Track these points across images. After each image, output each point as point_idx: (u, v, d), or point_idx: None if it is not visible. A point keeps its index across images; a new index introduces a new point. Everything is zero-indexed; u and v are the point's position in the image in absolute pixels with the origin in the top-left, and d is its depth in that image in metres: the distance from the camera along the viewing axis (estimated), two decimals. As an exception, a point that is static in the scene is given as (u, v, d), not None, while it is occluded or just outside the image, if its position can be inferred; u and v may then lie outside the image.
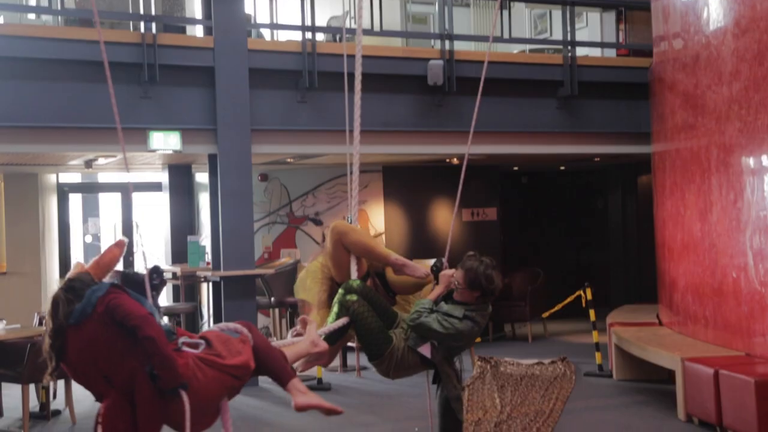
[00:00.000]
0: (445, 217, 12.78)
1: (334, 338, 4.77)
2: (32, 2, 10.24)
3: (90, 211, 12.69)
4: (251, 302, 9.04)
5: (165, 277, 4.19)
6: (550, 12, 12.99)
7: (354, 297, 4.81)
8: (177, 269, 10.17)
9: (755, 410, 5.99)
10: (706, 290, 7.75)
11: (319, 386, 8.47)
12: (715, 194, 7.60)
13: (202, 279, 10.25)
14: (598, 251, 14.43)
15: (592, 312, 9.19)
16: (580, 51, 10.74)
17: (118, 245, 3.99)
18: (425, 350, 4.72)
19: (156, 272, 4.14)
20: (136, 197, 12.56)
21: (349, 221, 5.70)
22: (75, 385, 7.93)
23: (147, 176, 12.52)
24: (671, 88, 8.77)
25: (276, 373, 3.98)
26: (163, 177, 11.89)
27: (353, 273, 5.08)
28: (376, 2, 10.76)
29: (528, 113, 10.23)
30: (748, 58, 7.09)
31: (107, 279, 3.95)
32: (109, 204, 12.67)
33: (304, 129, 9.32)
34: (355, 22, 6.82)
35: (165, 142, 8.67)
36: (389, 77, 9.38)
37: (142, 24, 8.60)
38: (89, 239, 12.55)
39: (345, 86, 6.31)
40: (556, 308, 10.20)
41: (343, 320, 4.69)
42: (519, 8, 12.82)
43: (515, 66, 10.09)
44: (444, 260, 5.18)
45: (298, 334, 4.71)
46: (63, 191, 11.98)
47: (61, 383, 8.13)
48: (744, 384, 6.11)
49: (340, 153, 9.66)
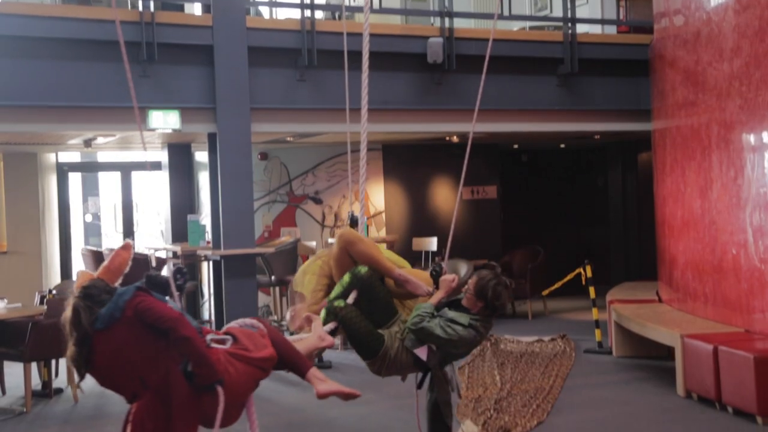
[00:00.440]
0: (445, 195, 12.78)
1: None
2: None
3: (90, 191, 12.68)
4: (251, 281, 9.06)
5: (188, 278, 4.28)
6: (551, -11, 12.92)
7: (341, 303, 4.81)
8: (177, 248, 10.18)
9: (754, 386, 6.02)
10: (706, 267, 7.77)
11: (320, 364, 8.51)
12: (716, 171, 7.59)
13: (203, 258, 10.26)
14: (598, 229, 14.44)
15: (592, 289, 9.21)
16: (581, 28, 10.68)
17: (126, 248, 4.02)
18: (422, 353, 4.73)
19: (180, 273, 4.23)
20: (135, 176, 12.54)
21: (355, 220, 5.73)
22: (77, 364, 7.95)
23: (146, 155, 12.50)
24: (672, 65, 8.74)
25: (295, 365, 4.13)
26: (163, 156, 11.87)
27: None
28: (376, -21, 10.70)
29: (528, 91, 10.20)
30: (749, 35, 7.06)
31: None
32: (109, 183, 12.65)
33: (304, 107, 9.30)
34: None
35: (164, 121, 8.65)
36: (388, 55, 9.34)
37: (140, 2, 8.56)
38: (89, 218, 12.56)
39: (345, 64, 6.29)
40: (556, 286, 10.21)
41: (331, 325, 4.72)
42: (519, -15, 12.75)
43: (515, 43, 10.04)
44: (443, 264, 5.18)
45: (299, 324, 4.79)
46: (62, 170, 11.97)
47: (63, 362, 8.16)
48: (743, 360, 6.14)
49: (340, 131, 9.64)
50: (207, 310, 11.00)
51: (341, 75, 6.63)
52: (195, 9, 10.22)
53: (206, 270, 11.13)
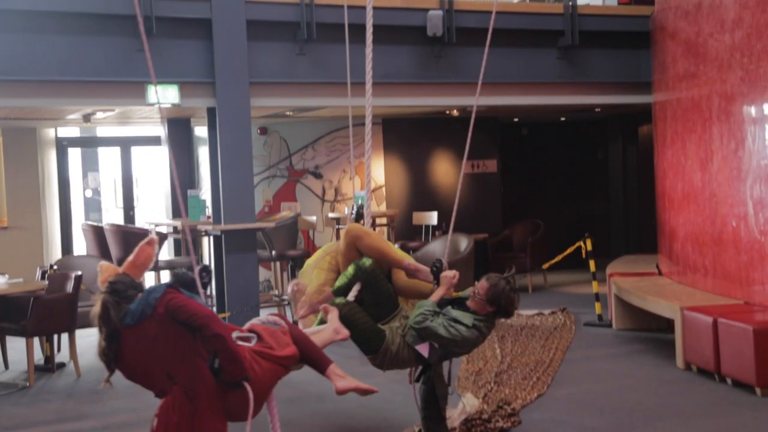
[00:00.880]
0: (445, 169, 12.77)
1: None
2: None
3: (89, 166, 12.67)
4: (252, 256, 9.07)
5: (212, 275, 4.41)
6: (551, -40, 12.82)
7: (341, 300, 4.84)
8: (177, 223, 10.18)
9: (753, 358, 6.05)
10: (706, 240, 7.78)
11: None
12: (716, 143, 7.58)
13: (203, 233, 10.27)
14: (599, 202, 14.44)
15: (592, 262, 9.23)
16: (581, 0, 10.62)
17: (150, 243, 4.05)
18: (423, 349, 4.76)
19: (205, 271, 4.42)
20: (135, 151, 12.52)
21: (360, 214, 5.75)
22: (79, 338, 7.99)
23: (146, 130, 12.48)
24: (673, 37, 8.69)
25: (315, 361, 4.27)
26: (162, 131, 11.84)
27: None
28: (375, -49, 10.59)
29: (528, 64, 10.16)
30: (751, 5, 7.02)
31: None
32: (109, 158, 12.64)
33: (303, 82, 9.26)
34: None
35: (163, 96, 8.62)
36: (388, 28, 9.28)
37: (138, -25, 8.50)
38: (89, 194, 12.55)
39: (346, 38, 6.26)
40: (557, 259, 10.23)
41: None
42: (519, -43, 12.64)
43: (515, 16, 9.98)
44: (444, 260, 5.16)
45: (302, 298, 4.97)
46: (62, 146, 11.95)
47: (65, 336, 8.19)
48: (742, 332, 6.16)
49: (341, 105, 9.61)
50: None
51: (341, 49, 6.61)
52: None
53: (207, 245, 11.15)
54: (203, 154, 11.68)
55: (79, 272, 7.74)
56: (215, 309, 9.70)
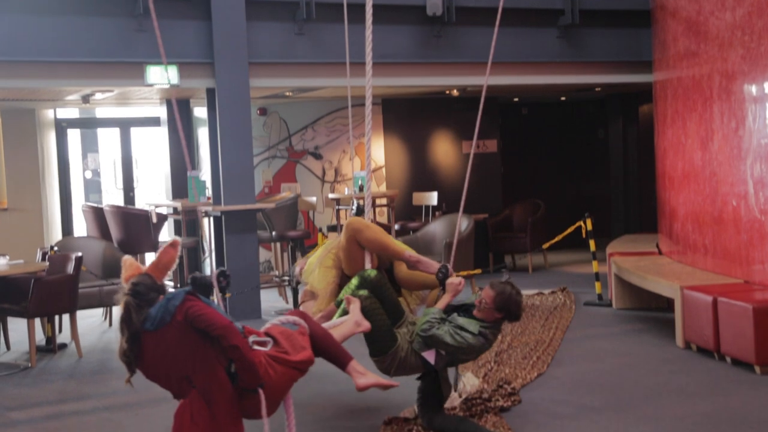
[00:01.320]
0: (445, 150, 12.74)
1: None
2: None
3: (89, 147, 12.65)
4: (252, 236, 9.08)
5: (230, 279, 4.52)
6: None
7: (364, 293, 4.88)
8: (178, 204, 10.18)
9: (753, 336, 6.07)
10: (706, 219, 7.78)
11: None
12: (717, 122, 7.56)
13: (203, 214, 10.26)
14: (599, 182, 14.43)
15: (592, 242, 9.23)
16: (582, -22, 10.57)
17: (173, 245, 4.12)
18: (430, 356, 4.81)
19: (223, 275, 4.50)
20: (135, 132, 12.49)
21: (360, 209, 5.77)
22: (80, 319, 8.01)
23: (145, 111, 12.45)
24: (673, 15, 8.65)
25: (335, 358, 4.39)
26: (161, 112, 11.82)
27: (367, 266, 5.21)
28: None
29: (528, 43, 10.12)
30: (752, -16, 6.98)
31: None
32: (108, 139, 12.62)
33: (303, 62, 9.23)
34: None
35: (162, 77, 8.59)
36: (387, 8, 9.24)
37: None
38: (89, 175, 12.54)
39: (345, 17, 6.23)
40: (557, 239, 10.23)
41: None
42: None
43: (515, -6, 9.93)
44: (449, 266, 5.21)
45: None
46: (61, 127, 11.92)
47: (66, 318, 8.21)
48: (742, 311, 6.18)
49: (340, 86, 9.58)
50: (208, 266, 11.03)
51: (340, 28, 6.58)
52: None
53: (207, 226, 11.15)
54: (203, 135, 11.66)
55: (80, 253, 7.75)
56: (215, 291, 9.71)
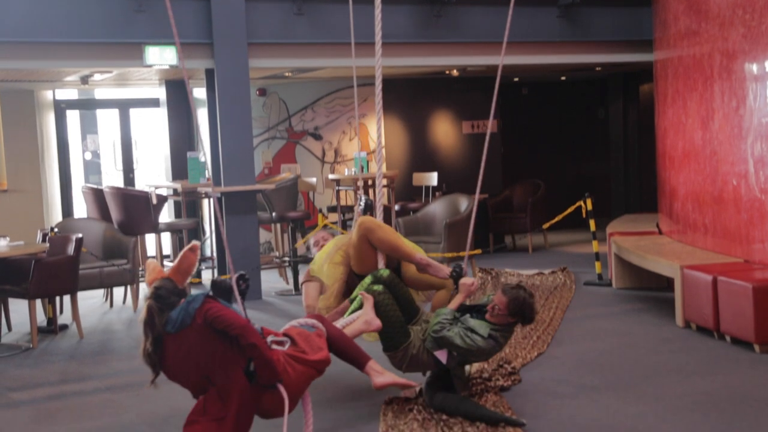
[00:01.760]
0: (445, 130, 12.72)
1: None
2: None
3: (88, 128, 12.61)
4: (252, 217, 9.08)
5: (250, 283, 4.59)
6: None
7: (379, 288, 4.94)
8: (177, 185, 10.18)
9: (752, 315, 6.08)
10: (706, 198, 7.77)
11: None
12: (717, 101, 7.54)
13: (203, 195, 10.26)
14: (599, 161, 14.41)
15: (592, 222, 9.23)
16: (582, -43, 10.51)
17: (193, 250, 4.25)
18: (441, 355, 4.84)
19: (242, 279, 4.59)
20: (134, 113, 12.46)
21: (369, 205, 5.83)
22: (81, 300, 8.03)
23: (144, 92, 12.42)
24: (674, -6, 8.60)
25: (353, 359, 4.55)
26: (161, 93, 11.79)
27: (380, 266, 5.25)
28: None
29: (528, 22, 10.06)
30: (754, -39, 6.93)
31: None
32: (107, 120, 12.59)
33: (302, 42, 9.19)
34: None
35: (161, 57, 8.56)
36: (387, -13, 9.19)
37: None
38: (88, 156, 12.52)
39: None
40: (557, 219, 10.23)
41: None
42: None
43: (515, -27, 9.87)
44: (463, 266, 5.23)
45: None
46: (60, 108, 11.89)
47: (67, 299, 8.23)
48: (742, 290, 6.18)
49: (338, 66, 9.54)
50: (208, 247, 11.04)
51: (339, 8, 6.57)
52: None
53: (207, 207, 11.15)
54: (202, 116, 11.63)
55: (80, 235, 7.75)
56: (216, 272, 9.74)
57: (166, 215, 11.51)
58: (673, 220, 8.69)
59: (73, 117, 12.28)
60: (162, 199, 9.74)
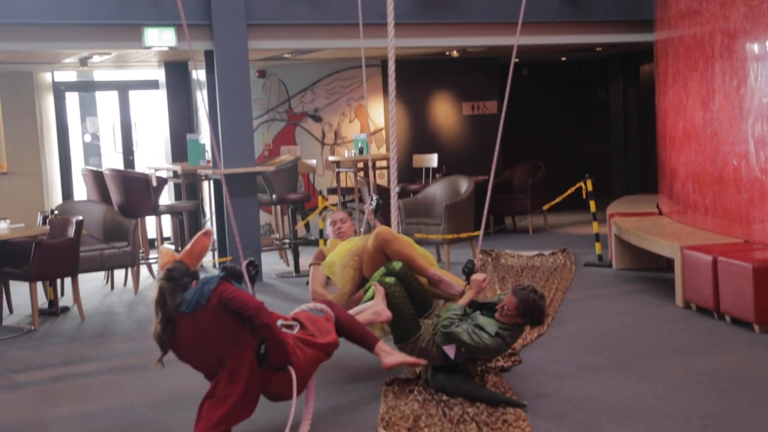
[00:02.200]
0: (445, 111, 12.69)
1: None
2: None
3: (88, 110, 12.58)
4: (253, 199, 9.08)
5: (260, 269, 4.69)
6: None
7: (391, 280, 5.00)
8: (177, 168, 10.17)
9: (752, 295, 6.09)
10: (707, 179, 7.77)
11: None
12: (718, 81, 7.52)
13: (203, 177, 10.25)
14: (599, 142, 14.39)
15: (593, 203, 9.23)
16: (583, -64, 10.44)
17: (206, 234, 4.32)
18: (450, 351, 4.87)
19: (252, 265, 4.72)
20: (133, 95, 12.43)
21: (379, 205, 5.86)
22: (82, 283, 8.03)
23: (143, 74, 12.38)
24: (675, -26, 8.56)
25: (362, 341, 4.64)
26: (160, 74, 11.75)
27: None
28: None
29: (528, 3, 9.98)
30: (755, -60, 6.89)
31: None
32: (107, 102, 12.55)
33: (302, 23, 9.15)
34: None
35: (160, 39, 8.52)
36: (387, -33, 9.14)
37: None
38: (88, 138, 12.50)
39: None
40: (557, 200, 10.23)
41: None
42: None
43: (515, -47, 9.82)
44: (475, 261, 5.25)
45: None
46: (59, 90, 11.86)
47: (68, 281, 8.24)
48: (742, 270, 6.19)
49: (339, 48, 9.51)
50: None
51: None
52: None
53: (207, 189, 11.14)
54: (201, 98, 11.61)
55: (80, 217, 7.75)
56: (216, 254, 9.75)
57: (166, 197, 11.50)
58: (674, 201, 8.69)
59: (73, 99, 12.25)
60: (162, 182, 9.74)
